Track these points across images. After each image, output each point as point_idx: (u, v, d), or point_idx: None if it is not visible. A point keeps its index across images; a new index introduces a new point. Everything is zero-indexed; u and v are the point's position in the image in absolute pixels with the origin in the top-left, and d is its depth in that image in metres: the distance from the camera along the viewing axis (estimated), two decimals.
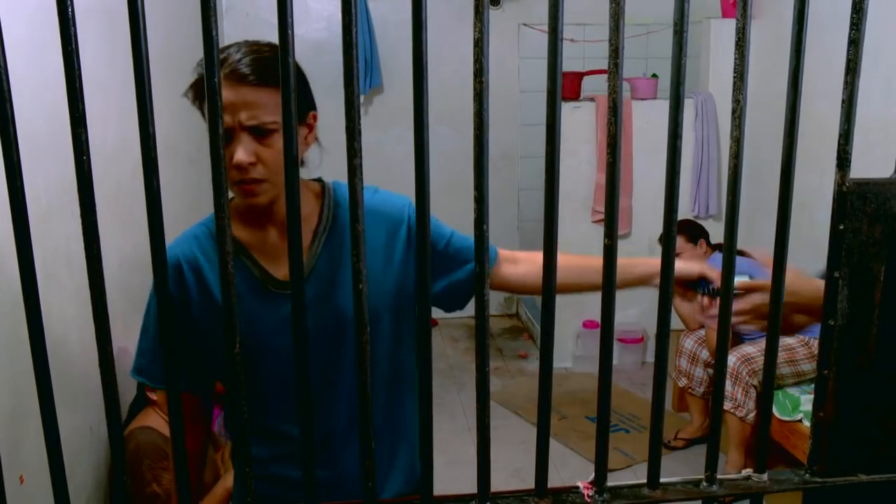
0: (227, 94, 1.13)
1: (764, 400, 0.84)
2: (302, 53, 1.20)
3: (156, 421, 2.13)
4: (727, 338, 0.82)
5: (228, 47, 1.19)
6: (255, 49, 1.18)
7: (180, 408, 0.77)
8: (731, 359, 3.04)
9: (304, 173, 1.29)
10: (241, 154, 1.14)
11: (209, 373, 1.35)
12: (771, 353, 0.82)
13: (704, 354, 3.35)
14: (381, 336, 1.28)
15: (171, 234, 0.83)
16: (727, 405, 3.02)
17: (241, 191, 1.18)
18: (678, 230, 3.62)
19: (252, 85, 1.14)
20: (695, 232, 3.55)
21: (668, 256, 0.79)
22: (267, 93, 1.14)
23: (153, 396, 2.19)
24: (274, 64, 1.14)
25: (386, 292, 1.28)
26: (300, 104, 1.18)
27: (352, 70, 0.69)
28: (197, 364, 1.31)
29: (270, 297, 1.26)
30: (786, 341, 2.99)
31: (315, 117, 1.26)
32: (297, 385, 0.76)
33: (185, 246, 1.29)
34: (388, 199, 1.34)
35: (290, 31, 0.69)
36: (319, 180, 1.35)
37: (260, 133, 1.14)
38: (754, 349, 3.06)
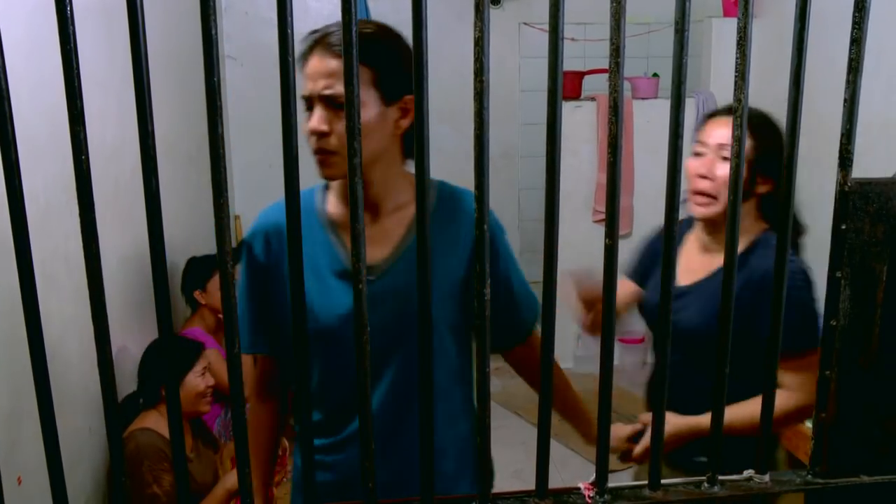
0: (314, 62, 1.16)
1: (765, 401, 0.83)
2: (301, 52, 1.20)
3: (156, 422, 2.13)
4: (728, 337, 0.81)
5: (334, 24, 1.19)
6: (362, 24, 1.19)
7: (179, 407, 0.76)
8: None
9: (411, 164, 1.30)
10: (315, 121, 1.15)
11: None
12: (772, 354, 0.82)
13: None
14: (435, 341, 1.25)
15: (171, 234, 0.82)
16: None
17: (317, 161, 1.19)
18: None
19: (335, 55, 1.15)
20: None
21: (670, 256, 0.79)
22: None
23: (162, 392, 2.19)
24: (368, 40, 1.15)
25: (443, 299, 1.25)
26: (392, 84, 1.18)
27: (351, 69, 0.69)
28: (279, 328, 1.31)
29: (349, 279, 1.25)
30: None
31: (413, 102, 1.23)
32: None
33: (279, 214, 1.29)
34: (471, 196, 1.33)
35: (290, 31, 0.69)
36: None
37: (335, 104, 1.15)
38: None
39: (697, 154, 1.65)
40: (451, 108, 4.09)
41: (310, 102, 1.16)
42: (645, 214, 4.25)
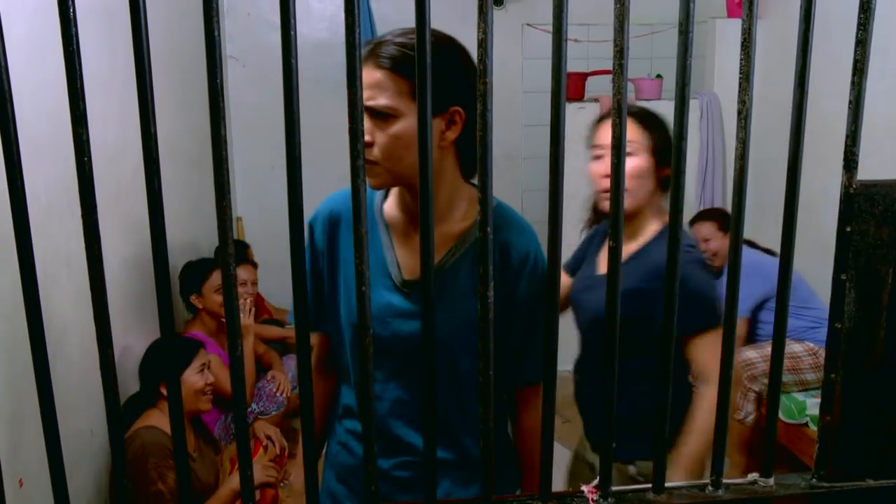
0: (364, 73, 1.15)
1: (770, 404, 0.83)
2: (304, 54, 1.20)
3: (160, 420, 2.13)
4: (732, 345, 0.81)
5: (391, 32, 1.19)
6: (409, 36, 1.17)
7: (181, 404, 0.76)
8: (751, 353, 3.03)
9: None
10: None
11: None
12: (777, 358, 0.81)
13: None
14: (446, 366, 1.24)
15: (172, 235, 0.82)
16: None
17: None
18: (709, 217, 3.55)
19: (380, 67, 1.15)
20: (727, 221, 3.48)
21: (674, 258, 0.78)
22: (392, 77, 1.14)
23: (164, 392, 2.19)
24: (411, 51, 1.15)
25: (463, 328, 1.23)
26: (435, 95, 1.17)
27: (355, 71, 0.69)
28: (334, 311, 1.34)
29: (388, 285, 1.27)
30: (792, 349, 2.96)
31: (460, 114, 1.20)
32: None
33: (338, 203, 1.33)
34: (521, 228, 1.31)
35: (292, 32, 0.68)
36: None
37: (377, 115, 1.15)
38: (756, 354, 3.04)
39: (597, 157, 1.83)
40: None
41: None
42: None
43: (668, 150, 1.68)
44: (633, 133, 1.66)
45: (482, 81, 0.68)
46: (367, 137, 1.15)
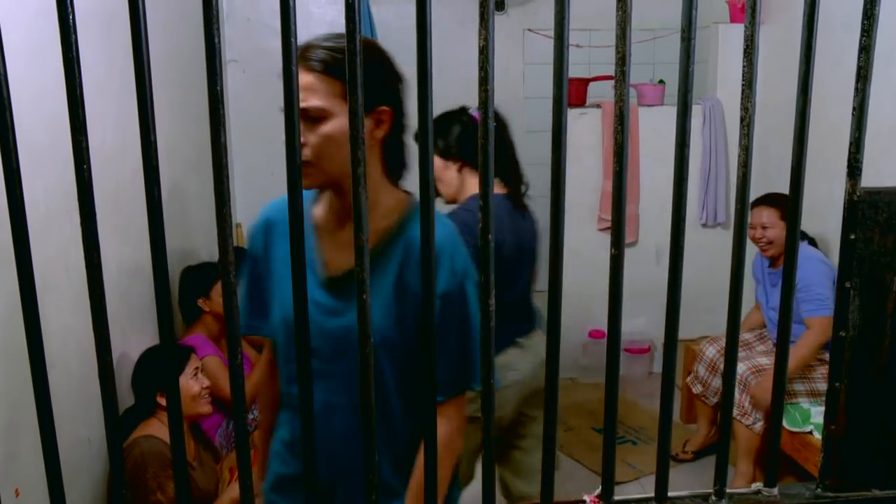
0: None
1: (773, 412, 0.82)
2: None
3: (159, 430, 2.12)
4: (736, 347, 0.80)
5: (318, 37, 1.23)
6: (337, 39, 1.21)
7: (180, 416, 0.76)
8: (742, 367, 3.00)
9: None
10: None
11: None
12: (781, 364, 0.81)
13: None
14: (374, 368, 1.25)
15: (170, 241, 0.82)
16: (734, 412, 2.99)
17: None
18: (769, 203, 3.49)
19: (310, 70, 1.18)
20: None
21: (676, 262, 0.78)
22: (321, 80, 1.18)
23: (162, 402, 2.18)
24: (338, 54, 1.18)
25: (384, 323, 1.24)
26: (366, 94, 1.19)
27: (356, 78, 0.68)
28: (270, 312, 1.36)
29: (313, 283, 1.25)
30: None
31: (387, 113, 1.23)
32: (300, 388, 0.75)
33: (273, 211, 1.36)
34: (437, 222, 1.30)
35: (293, 38, 0.68)
36: (412, 194, 1.34)
37: (308, 117, 1.18)
38: (767, 360, 3.02)
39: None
40: None
41: None
42: (650, 223, 4.23)
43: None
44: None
45: (483, 89, 0.67)
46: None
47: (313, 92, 1.18)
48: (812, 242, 3.18)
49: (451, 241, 1.26)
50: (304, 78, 1.17)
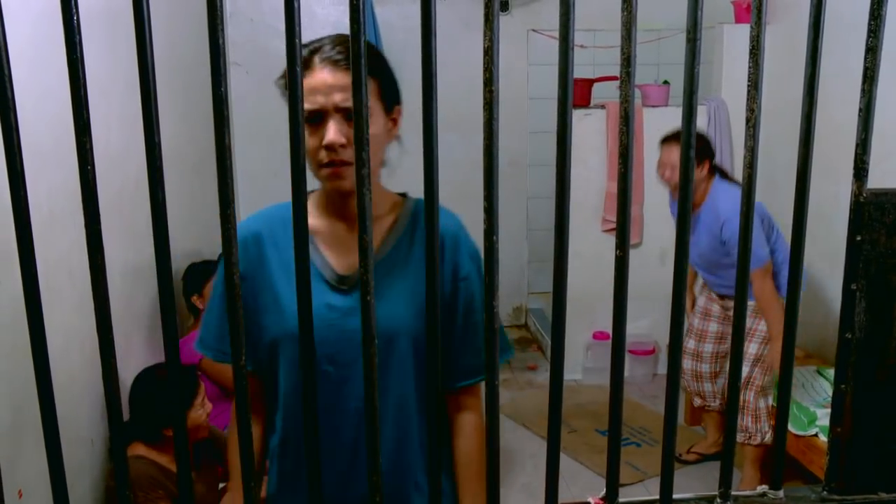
0: (323, 76, 1.17)
1: (779, 417, 0.82)
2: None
3: (148, 450, 2.07)
4: (740, 356, 0.80)
5: (321, 39, 1.22)
6: (346, 39, 1.21)
7: (188, 453, 0.75)
8: (744, 368, 2.98)
9: (386, 176, 1.30)
10: (334, 134, 1.16)
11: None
12: (786, 370, 0.80)
13: (705, 367, 3.25)
14: (395, 358, 1.24)
15: (174, 243, 0.82)
16: (739, 437, 2.94)
17: (330, 174, 1.20)
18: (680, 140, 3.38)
19: (346, 69, 1.17)
20: (700, 149, 2.94)
21: (681, 263, 0.78)
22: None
23: (168, 433, 2.10)
24: (369, 52, 1.17)
25: (409, 315, 1.24)
26: (389, 95, 1.23)
27: (360, 78, 0.68)
28: (256, 342, 1.28)
29: (323, 287, 1.25)
30: (761, 328, 2.92)
31: (400, 112, 1.26)
32: (305, 391, 0.75)
33: (257, 223, 1.31)
34: (443, 212, 1.29)
35: (297, 40, 0.68)
36: (404, 195, 1.34)
37: (350, 116, 1.16)
38: (757, 347, 2.96)
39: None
40: (459, 116, 4.09)
41: (320, 116, 1.17)
42: (655, 224, 4.22)
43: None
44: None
45: (488, 90, 0.67)
46: (342, 139, 1.16)
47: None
48: (724, 175, 3.03)
49: (461, 227, 1.30)
50: (339, 78, 1.16)
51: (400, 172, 1.33)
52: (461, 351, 1.27)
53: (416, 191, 0.87)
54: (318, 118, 1.17)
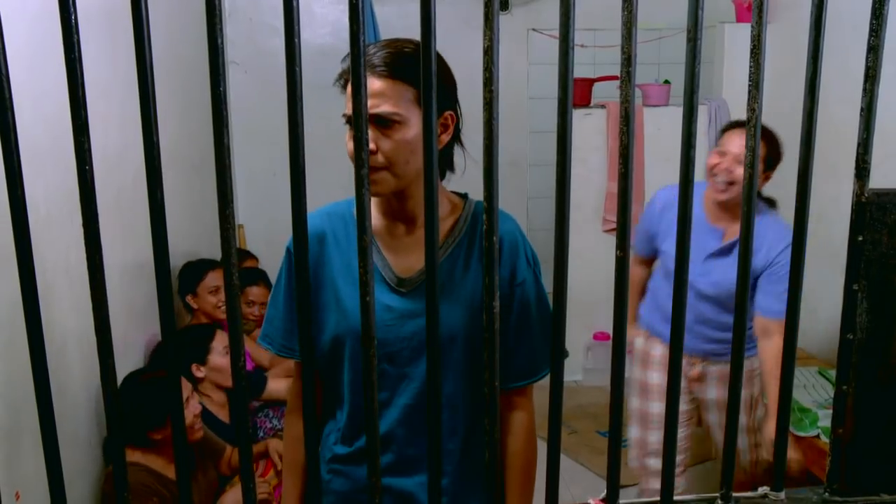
0: None
1: (780, 416, 0.82)
2: (306, 59, 1.19)
3: (141, 457, 2.05)
4: (740, 373, 0.79)
5: (375, 43, 1.23)
6: (395, 45, 1.21)
7: (184, 432, 0.75)
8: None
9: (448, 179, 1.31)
10: None
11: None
12: (787, 379, 0.80)
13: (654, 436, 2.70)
14: (450, 358, 1.26)
15: (173, 243, 0.81)
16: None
17: None
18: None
19: (380, 75, 1.17)
20: (769, 155, 2.34)
21: (682, 263, 0.77)
22: (393, 85, 1.17)
23: (155, 437, 2.08)
24: (408, 60, 1.18)
25: (466, 316, 1.26)
26: (426, 101, 1.22)
27: (360, 79, 0.68)
28: (314, 337, 1.31)
29: (383, 289, 1.27)
30: (753, 365, 2.52)
31: (452, 118, 1.26)
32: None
33: (322, 222, 1.32)
34: (503, 215, 1.30)
35: (296, 39, 0.68)
36: (465, 196, 1.35)
37: (381, 123, 1.17)
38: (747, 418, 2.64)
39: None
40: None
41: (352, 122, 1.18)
42: None
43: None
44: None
45: (488, 90, 0.67)
46: (370, 145, 1.16)
47: (385, 98, 1.16)
48: (772, 204, 2.43)
49: (521, 232, 1.32)
50: (374, 83, 1.16)
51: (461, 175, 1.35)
52: (513, 353, 1.30)
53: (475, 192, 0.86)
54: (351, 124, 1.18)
